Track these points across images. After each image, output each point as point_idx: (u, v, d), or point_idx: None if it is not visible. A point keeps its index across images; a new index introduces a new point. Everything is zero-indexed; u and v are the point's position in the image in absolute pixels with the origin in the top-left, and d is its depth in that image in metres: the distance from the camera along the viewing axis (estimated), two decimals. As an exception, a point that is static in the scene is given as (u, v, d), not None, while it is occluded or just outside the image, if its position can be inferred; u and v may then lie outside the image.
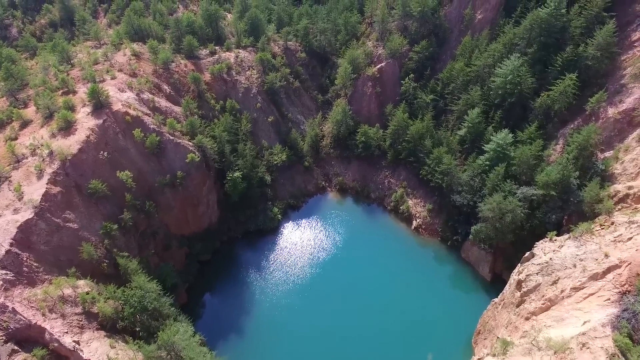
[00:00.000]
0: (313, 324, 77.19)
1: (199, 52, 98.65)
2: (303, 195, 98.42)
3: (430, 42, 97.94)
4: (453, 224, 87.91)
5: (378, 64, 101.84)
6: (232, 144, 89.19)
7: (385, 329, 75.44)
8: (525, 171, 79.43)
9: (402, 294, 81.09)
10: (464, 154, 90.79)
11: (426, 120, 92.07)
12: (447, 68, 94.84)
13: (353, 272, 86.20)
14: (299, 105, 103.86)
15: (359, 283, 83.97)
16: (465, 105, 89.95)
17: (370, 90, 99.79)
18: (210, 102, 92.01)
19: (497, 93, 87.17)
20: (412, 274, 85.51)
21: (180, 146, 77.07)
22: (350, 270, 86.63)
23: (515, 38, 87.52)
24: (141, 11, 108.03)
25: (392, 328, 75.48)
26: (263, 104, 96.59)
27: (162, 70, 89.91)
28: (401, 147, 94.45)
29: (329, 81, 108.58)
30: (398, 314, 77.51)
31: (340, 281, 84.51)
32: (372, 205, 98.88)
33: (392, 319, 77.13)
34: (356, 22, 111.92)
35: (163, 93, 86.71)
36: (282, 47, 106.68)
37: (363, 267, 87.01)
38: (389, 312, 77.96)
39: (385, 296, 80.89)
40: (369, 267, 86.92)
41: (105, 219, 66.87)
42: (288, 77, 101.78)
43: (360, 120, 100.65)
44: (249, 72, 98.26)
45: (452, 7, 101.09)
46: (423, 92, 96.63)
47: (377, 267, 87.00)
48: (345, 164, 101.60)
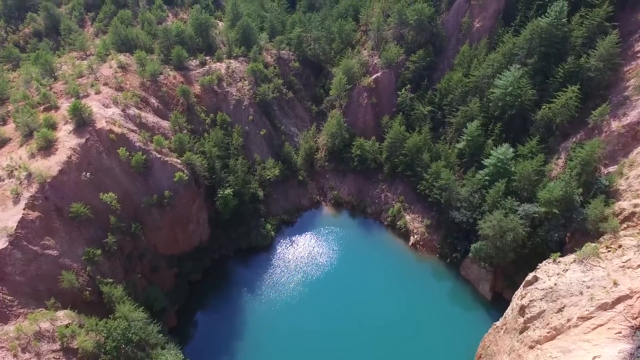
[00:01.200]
0: (308, 344, 74.16)
1: (189, 62, 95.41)
2: (297, 210, 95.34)
3: (427, 51, 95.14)
4: (452, 240, 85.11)
5: (374, 74, 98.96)
6: (222, 159, 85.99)
7: (382, 350, 72.60)
8: (527, 187, 76.73)
9: (399, 314, 78.24)
10: (463, 168, 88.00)
11: (424, 133, 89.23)
12: (445, 78, 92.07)
13: (349, 291, 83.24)
14: (293, 116, 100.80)
15: (355, 302, 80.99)
16: (464, 117, 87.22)
17: (366, 101, 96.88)
18: (200, 116, 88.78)
19: (497, 105, 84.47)
20: (410, 292, 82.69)
21: (168, 164, 73.77)
22: (346, 289, 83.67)
23: (515, 48, 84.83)
24: (129, 20, 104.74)
25: (389, 349, 72.65)
26: (255, 117, 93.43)
27: (150, 82, 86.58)
28: (398, 160, 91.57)
29: (323, 91, 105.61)
30: (396, 334, 74.64)
31: (336, 300, 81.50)
32: (368, 220, 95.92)
33: (389, 339, 74.19)
34: (351, 30, 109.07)
35: (150, 107, 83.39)
36: (275, 56, 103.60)
37: (359, 286, 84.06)
38: (386, 333, 75.02)
39: (382, 316, 77.94)
40: (365, 286, 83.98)
41: (88, 244, 63.48)
42: (281, 88, 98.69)
43: (355, 132, 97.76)
44: (241, 84, 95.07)
45: (450, 15, 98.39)
46: (420, 104, 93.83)
47: (373, 285, 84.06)
48: (340, 177, 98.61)
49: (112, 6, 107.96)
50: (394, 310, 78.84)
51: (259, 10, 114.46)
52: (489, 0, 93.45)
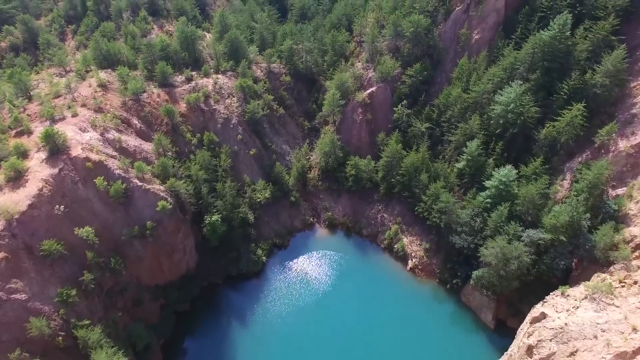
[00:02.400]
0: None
1: (174, 79, 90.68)
2: (289, 233, 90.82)
3: (424, 65, 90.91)
4: (452, 265, 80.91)
5: (368, 88, 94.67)
6: (210, 182, 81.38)
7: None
8: (531, 211, 72.69)
9: (397, 341, 74.00)
10: (463, 189, 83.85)
11: (421, 152, 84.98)
12: (444, 94, 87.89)
13: (344, 318, 78.82)
14: (284, 134, 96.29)
15: (350, 329, 76.70)
16: (464, 135, 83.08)
17: (361, 118, 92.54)
18: (185, 136, 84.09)
19: (498, 123, 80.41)
20: (409, 319, 78.35)
21: (150, 193, 69.10)
22: (341, 316, 79.23)
23: (517, 62, 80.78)
24: (112, 33, 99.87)
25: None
26: (244, 136, 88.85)
27: (132, 102, 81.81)
28: (395, 180, 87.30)
29: (316, 106, 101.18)
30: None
31: (331, 328, 77.18)
32: (364, 242, 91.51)
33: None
34: (344, 41, 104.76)
35: (132, 128, 78.65)
36: (265, 70, 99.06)
37: (355, 313, 79.64)
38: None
39: (379, 344, 73.78)
40: (361, 312, 79.62)
41: (63, 283, 58.75)
42: (271, 104, 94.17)
43: (350, 150, 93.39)
44: (229, 100, 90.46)
45: (447, 26, 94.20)
46: (418, 120, 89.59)
47: (370, 311, 79.75)
48: (334, 197, 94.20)
49: (94, 18, 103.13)
50: (392, 337, 74.62)
51: (248, 21, 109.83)
52: (488, 12, 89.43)
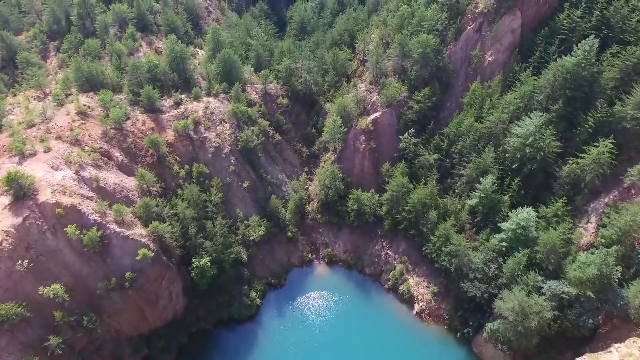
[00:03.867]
0: None
1: (162, 103, 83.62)
2: (286, 271, 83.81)
3: (432, 89, 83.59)
4: (463, 312, 73.80)
5: (372, 113, 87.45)
6: (199, 220, 74.41)
7: None
8: (552, 259, 65.52)
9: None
10: (475, 227, 76.70)
11: (430, 187, 77.79)
12: (454, 122, 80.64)
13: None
14: (281, 162, 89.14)
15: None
16: (477, 169, 75.89)
17: (364, 146, 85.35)
18: (172, 168, 77.10)
19: (515, 156, 73.25)
20: (415, 371, 71.66)
21: (130, 240, 62.11)
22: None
23: (536, 90, 73.54)
24: (96, 51, 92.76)
25: None
26: (237, 166, 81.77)
27: (114, 131, 74.84)
28: (400, 216, 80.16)
29: (315, 130, 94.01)
30: None
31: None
32: (366, 281, 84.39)
33: None
34: (346, 59, 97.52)
35: (113, 162, 71.65)
36: (261, 92, 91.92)
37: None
38: None
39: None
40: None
41: (24, 351, 51.96)
42: (267, 130, 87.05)
43: (351, 181, 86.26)
44: (221, 127, 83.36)
45: (458, 46, 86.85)
46: (426, 150, 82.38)
47: (373, 359, 73.06)
48: (335, 231, 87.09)
49: (78, 35, 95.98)
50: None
51: (243, 37, 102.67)
52: (502, 32, 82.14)
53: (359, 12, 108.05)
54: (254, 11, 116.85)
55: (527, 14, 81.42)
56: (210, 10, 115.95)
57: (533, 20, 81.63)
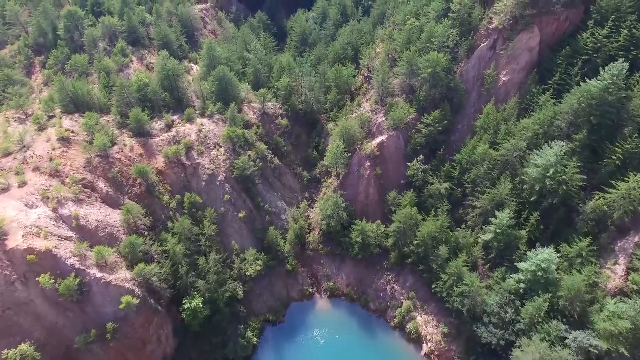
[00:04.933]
0: None
1: (152, 125, 77.98)
2: (285, 307, 78.13)
3: (443, 112, 77.57)
4: (476, 357, 68.01)
5: (378, 136, 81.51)
6: (191, 256, 68.80)
7: None
8: (577, 307, 59.61)
9: None
10: (489, 264, 70.84)
11: (440, 219, 71.90)
12: (467, 149, 74.70)
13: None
14: (279, 187, 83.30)
15: None
16: (491, 201, 69.95)
17: (369, 172, 79.46)
18: (162, 199, 71.42)
19: (533, 188, 67.29)
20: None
21: (112, 286, 56.50)
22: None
23: (557, 117, 67.52)
24: (84, 67, 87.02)
25: None
26: (232, 195, 76.04)
27: (99, 159, 69.20)
28: (408, 250, 74.33)
29: (316, 152, 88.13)
30: None
31: None
32: (371, 316, 78.59)
33: None
34: (350, 75, 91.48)
35: (98, 193, 65.99)
36: (259, 111, 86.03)
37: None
38: None
39: None
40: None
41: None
42: (265, 155, 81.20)
43: (356, 209, 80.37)
44: (215, 152, 77.57)
45: (470, 64, 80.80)
46: (435, 177, 76.47)
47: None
48: (337, 262, 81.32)
49: (65, 49, 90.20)
50: None
51: (241, 51, 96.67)
52: (519, 50, 76.06)
53: (363, 24, 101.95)
54: (253, 22, 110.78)
55: (545, 31, 75.28)
56: (206, 21, 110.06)
57: (552, 38, 75.52)
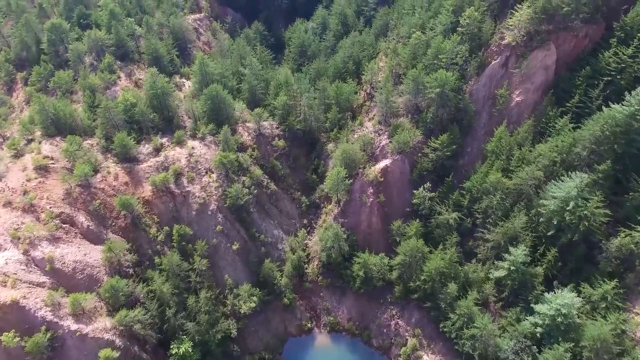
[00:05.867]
0: None
1: (139, 150, 72.80)
2: (282, 343, 73.05)
3: (451, 135, 72.17)
4: (490, 404, 62.93)
5: (381, 160, 76.17)
6: (179, 295, 63.66)
7: None
8: (604, 359, 54.36)
9: None
10: (502, 302, 65.58)
11: (449, 253, 66.58)
12: (477, 176, 69.28)
13: None
14: (276, 214, 78.05)
15: None
16: (505, 235, 64.62)
17: (372, 200, 74.16)
18: (149, 232, 66.25)
19: (551, 223, 61.92)
20: None
21: (89, 339, 51.45)
22: None
23: (577, 145, 62.07)
24: (68, 85, 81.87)
25: None
26: (225, 225, 70.82)
27: (80, 190, 64.07)
28: (414, 285, 69.07)
29: (316, 176, 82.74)
30: None
31: None
32: (374, 354, 73.27)
33: None
34: (351, 92, 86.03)
35: (77, 228, 60.86)
36: (254, 132, 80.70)
37: None
38: None
39: None
40: None
41: None
42: (261, 181, 75.90)
43: (357, 239, 75.09)
44: (207, 179, 72.33)
45: (480, 83, 75.42)
46: (444, 206, 71.13)
47: None
48: (338, 295, 76.09)
49: (48, 65, 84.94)
50: None
51: (236, 65, 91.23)
52: (533, 69, 70.65)
53: (365, 36, 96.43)
54: (249, 33, 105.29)
55: (563, 48, 69.83)
56: (200, 32, 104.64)
57: (570, 57, 70.08)
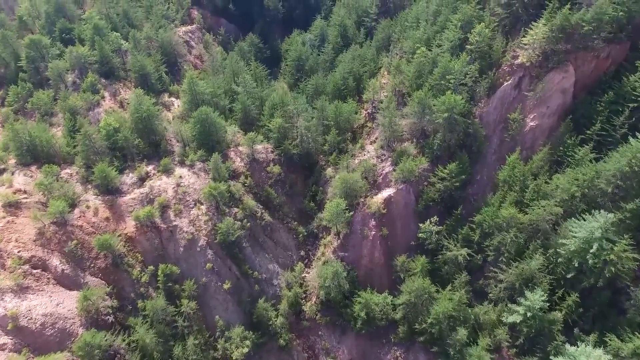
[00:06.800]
0: None
1: (122, 179, 67.35)
2: (277, 388, 67.80)
3: (461, 165, 66.63)
4: None
5: (384, 188, 70.64)
6: (165, 344, 58.34)
7: None
8: (632, 423, 49.23)
9: None
10: (517, 349, 60.18)
11: (458, 295, 61.18)
12: (489, 211, 63.76)
13: None
14: (271, 247, 72.57)
15: None
16: (519, 276, 59.22)
17: (374, 233, 68.68)
18: (132, 273, 60.75)
19: (571, 264, 56.53)
20: None
21: (58, 408, 46.08)
22: None
23: (600, 179, 56.56)
24: (47, 106, 76.39)
25: None
26: (216, 262, 65.38)
27: (55, 228, 58.55)
28: (420, 327, 63.71)
29: (314, 203, 77.23)
30: None
31: None
32: (377, 399, 68.40)
33: None
34: (352, 111, 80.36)
35: (51, 273, 55.45)
36: (247, 158, 75.08)
37: None
38: None
39: None
40: None
41: None
42: (255, 211, 70.41)
43: (358, 274, 69.62)
44: (196, 211, 66.86)
45: (490, 105, 69.88)
46: (452, 241, 65.67)
47: None
48: (338, 334, 70.54)
49: (27, 84, 79.36)
50: None
51: (229, 82, 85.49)
52: (550, 92, 65.15)
53: (366, 49, 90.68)
54: (243, 46, 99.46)
55: (582, 70, 64.31)
56: (192, 45, 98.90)
57: (590, 79, 64.63)
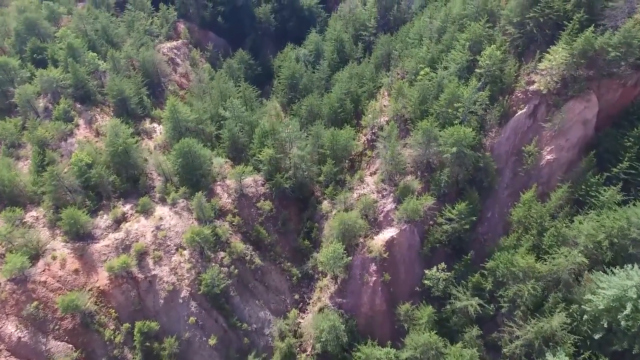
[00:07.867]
0: None
1: (95, 222, 60.67)
2: None
3: (471, 204, 60.09)
4: None
5: (386, 228, 64.13)
6: (140, 414, 52.05)
7: None
8: None
9: None
10: (537, 413, 54.04)
11: (470, 353, 54.74)
12: (503, 256, 57.29)
13: None
14: (262, 292, 65.99)
15: None
16: (539, 334, 52.88)
17: (375, 279, 62.20)
18: (104, 334, 54.17)
19: (599, 323, 50.20)
20: None
21: None
22: None
23: (632, 229, 50.13)
24: (14, 137, 69.51)
25: None
26: (200, 315, 58.81)
27: (12, 287, 51.90)
28: (428, 388, 57.43)
29: (308, 241, 70.63)
30: None
31: None
32: None
33: None
34: (349, 138, 73.69)
35: (4, 343, 48.96)
36: (235, 194, 68.43)
37: None
38: None
39: None
40: None
41: None
42: (243, 255, 63.86)
43: (358, 323, 62.99)
44: (177, 257, 60.24)
45: (502, 136, 63.35)
46: (460, 290, 59.22)
47: None
48: (336, 388, 64.49)
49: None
50: None
51: (216, 106, 78.55)
52: (569, 122, 58.65)
53: (364, 66, 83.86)
54: (232, 64, 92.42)
55: (606, 98, 57.87)
56: (177, 63, 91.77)
57: (614, 108, 58.17)
